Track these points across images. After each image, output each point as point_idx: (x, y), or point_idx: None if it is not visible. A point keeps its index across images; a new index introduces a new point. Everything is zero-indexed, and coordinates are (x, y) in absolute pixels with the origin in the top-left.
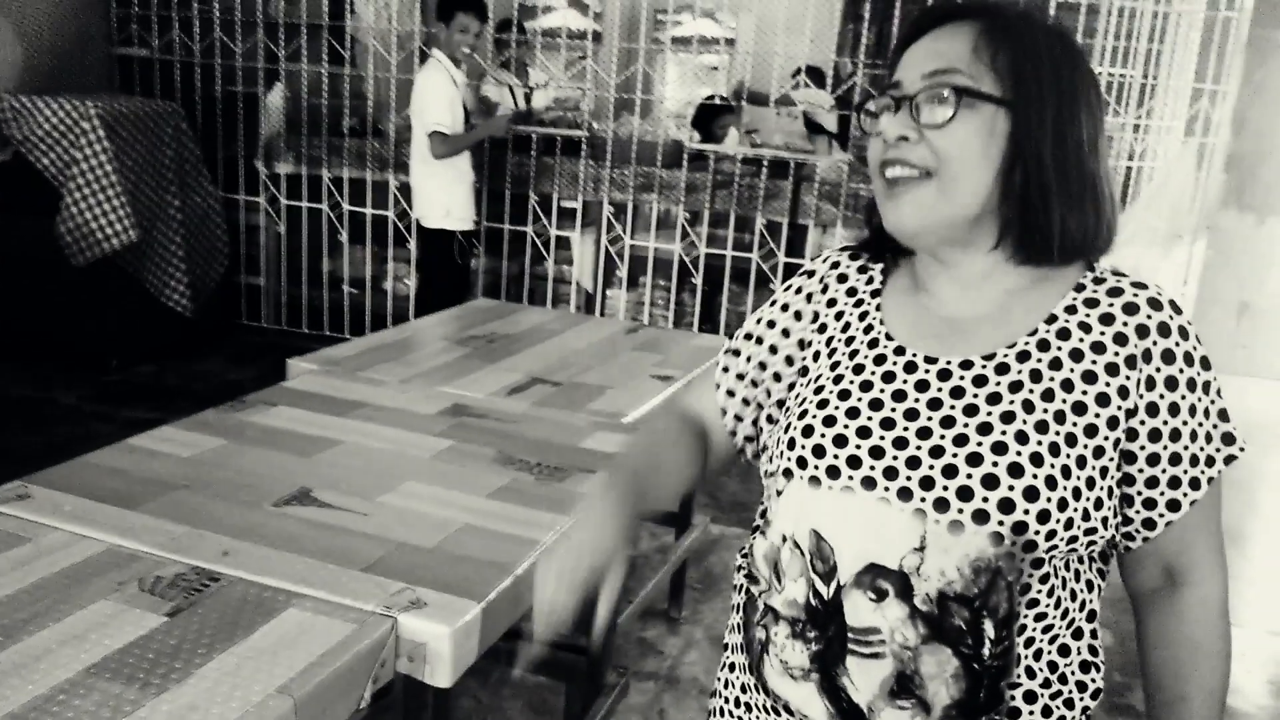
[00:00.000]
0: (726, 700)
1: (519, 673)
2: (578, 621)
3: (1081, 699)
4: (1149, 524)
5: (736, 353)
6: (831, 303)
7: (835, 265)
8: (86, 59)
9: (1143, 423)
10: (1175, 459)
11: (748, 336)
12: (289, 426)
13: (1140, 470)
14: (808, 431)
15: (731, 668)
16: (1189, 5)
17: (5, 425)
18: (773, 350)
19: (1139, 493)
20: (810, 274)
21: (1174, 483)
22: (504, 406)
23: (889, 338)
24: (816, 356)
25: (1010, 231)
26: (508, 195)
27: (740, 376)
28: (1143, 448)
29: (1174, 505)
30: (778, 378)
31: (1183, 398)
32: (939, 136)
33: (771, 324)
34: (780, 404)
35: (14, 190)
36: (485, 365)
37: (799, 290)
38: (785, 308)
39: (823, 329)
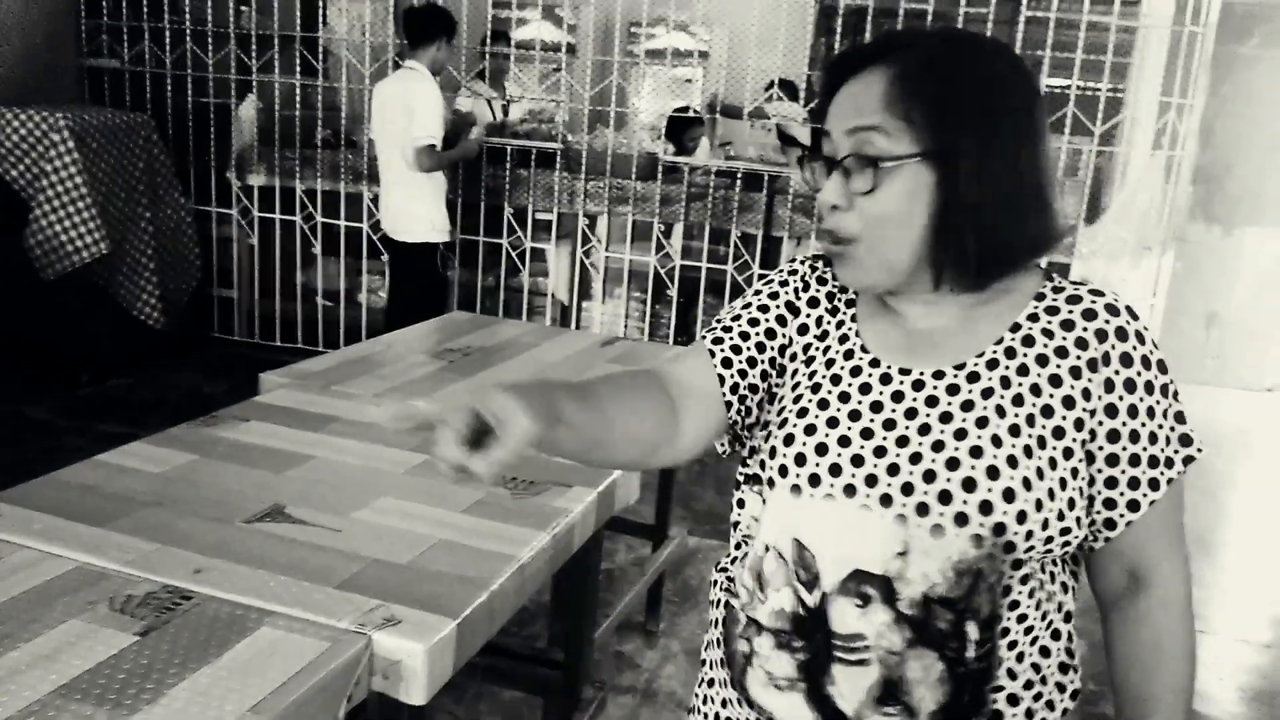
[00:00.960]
0: (705, 716)
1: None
2: (554, 635)
3: (1061, 699)
4: (1109, 524)
5: (728, 329)
6: (814, 301)
7: (815, 268)
8: (56, 70)
9: (1101, 424)
10: (1134, 460)
11: (735, 318)
12: (261, 442)
13: (1099, 471)
14: (789, 440)
15: (711, 683)
16: (1155, 20)
17: None
18: (770, 335)
19: (1099, 493)
20: (794, 273)
21: (1133, 483)
22: None
23: (864, 349)
24: (793, 358)
25: (943, 270)
26: (482, 207)
27: (736, 349)
28: (1101, 448)
29: (1133, 506)
30: (773, 363)
31: (1140, 400)
32: (866, 203)
33: (755, 320)
34: (772, 399)
35: None
36: (460, 379)
37: (776, 295)
38: (769, 304)
39: (803, 330)
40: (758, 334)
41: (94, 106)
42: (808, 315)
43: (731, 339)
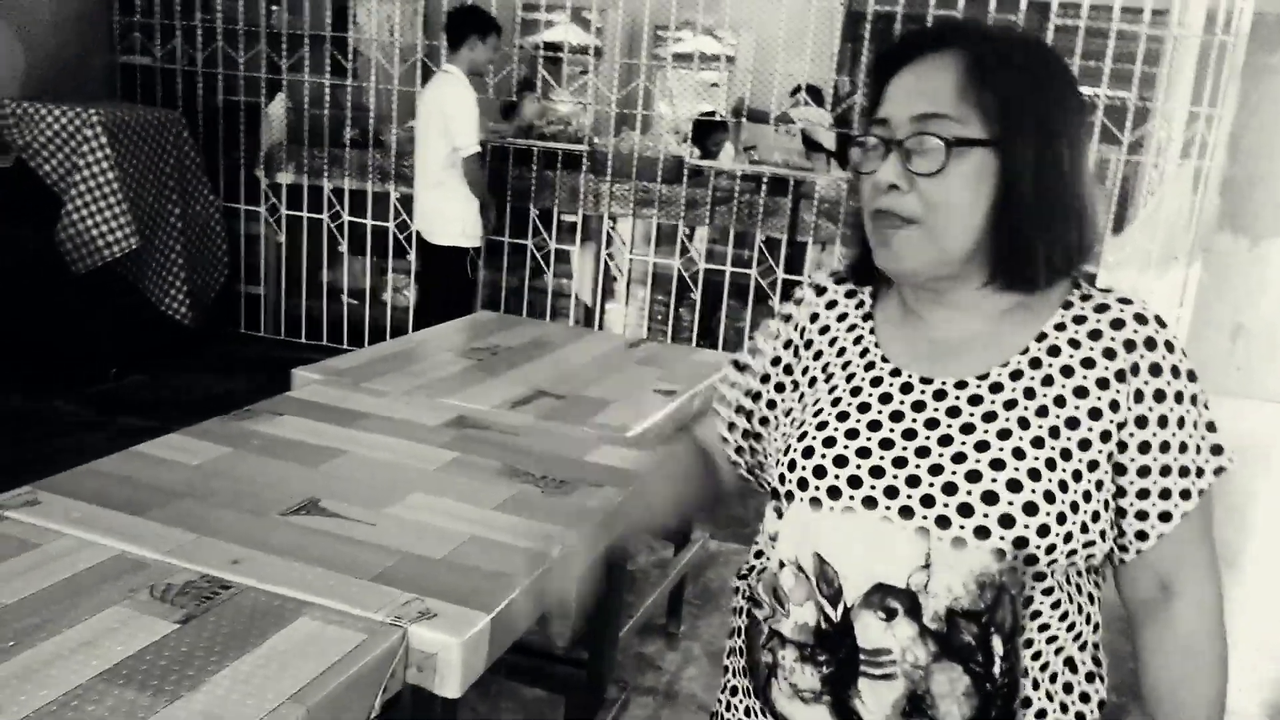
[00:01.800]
0: None
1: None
2: (579, 635)
3: (1089, 708)
4: (1141, 535)
5: (732, 384)
6: (825, 329)
7: (822, 292)
8: (89, 67)
9: (1132, 435)
10: (1165, 470)
11: (740, 367)
12: (295, 436)
13: (1131, 482)
14: (808, 453)
15: (734, 691)
16: (1186, 30)
17: (4, 434)
18: (764, 379)
19: (1131, 504)
20: (800, 302)
21: (1165, 494)
22: (508, 419)
23: (884, 360)
24: (813, 382)
25: (1001, 264)
26: (508, 209)
27: (739, 409)
28: (1133, 460)
29: (1165, 516)
30: (772, 405)
31: (1170, 410)
32: (929, 185)
33: (762, 353)
34: (776, 427)
35: (15, 197)
36: (489, 377)
37: (789, 319)
38: (776, 335)
39: (818, 355)
40: (753, 383)
41: (126, 103)
42: (820, 342)
43: (734, 396)
